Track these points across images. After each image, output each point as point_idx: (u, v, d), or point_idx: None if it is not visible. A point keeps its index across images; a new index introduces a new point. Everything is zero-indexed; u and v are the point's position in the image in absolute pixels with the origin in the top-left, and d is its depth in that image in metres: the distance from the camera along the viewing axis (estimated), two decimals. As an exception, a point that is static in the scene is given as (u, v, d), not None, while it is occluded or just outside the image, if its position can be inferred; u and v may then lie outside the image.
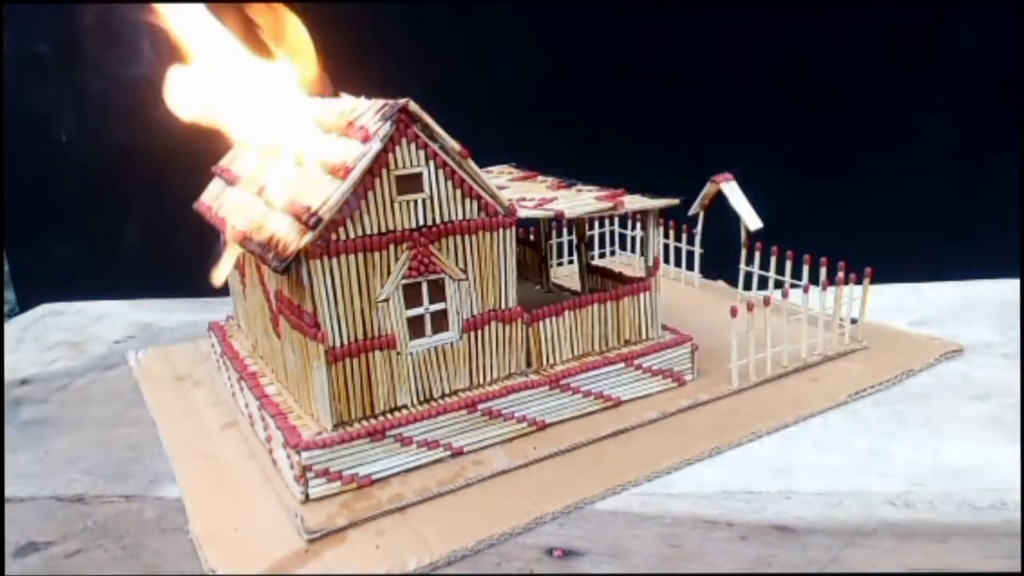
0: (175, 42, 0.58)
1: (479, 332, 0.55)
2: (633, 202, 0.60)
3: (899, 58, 0.91)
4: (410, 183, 0.50)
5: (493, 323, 0.55)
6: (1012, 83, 0.88)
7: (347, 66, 0.61)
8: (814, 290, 0.64)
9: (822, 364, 0.64)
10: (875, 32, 0.90)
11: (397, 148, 0.49)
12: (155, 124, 0.63)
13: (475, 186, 0.52)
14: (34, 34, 0.94)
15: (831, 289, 0.65)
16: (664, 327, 0.62)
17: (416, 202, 0.50)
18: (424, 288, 0.52)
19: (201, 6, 0.59)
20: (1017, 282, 0.78)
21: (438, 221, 0.51)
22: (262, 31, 0.60)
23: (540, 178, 0.69)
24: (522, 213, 0.55)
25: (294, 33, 0.60)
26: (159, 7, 0.57)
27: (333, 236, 0.48)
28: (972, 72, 0.89)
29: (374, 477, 0.51)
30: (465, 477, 0.51)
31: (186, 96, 0.58)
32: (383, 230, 0.50)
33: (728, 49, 0.92)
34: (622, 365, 0.58)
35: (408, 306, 0.52)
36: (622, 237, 0.93)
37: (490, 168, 0.75)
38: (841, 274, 0.64)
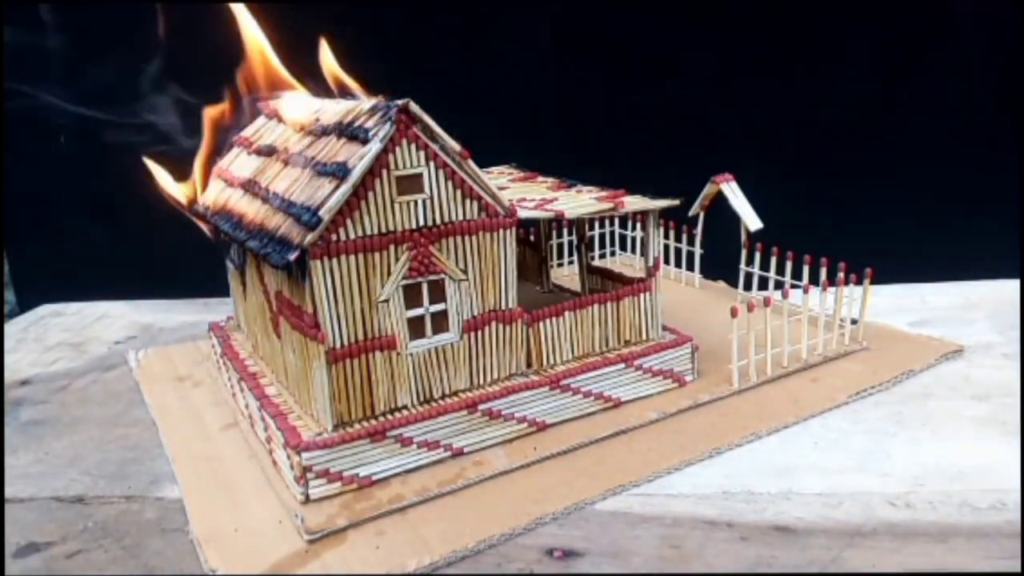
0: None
1: (479, 333, 0.55)
2: (633, 203, 0.60)
3: (899, 58, 0.90)
4: (410, 184, 0.50)
5: (493, 324, 0.55)
6: (1012, 83, 0.88)
7: (348, 66, 0.61)
8: (814, 290, 0.64)
9: (822, 364, 0.64)
10: (875, 32, 0.90)
11: (397, 149, 0.49)
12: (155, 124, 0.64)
13: (475, 187, 0.52)
14: (35, 34, 0.94)
15: (831, 289, 0.65)
16: (664, 327, 0.62)
17: (416, 202, 0.50)
18: (424, 288, 0.52)
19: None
20: (1017, 282, 0.78)
21: (438, 222, 0.51)
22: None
23: (540, 179, 0.69)
24: (522, 214, 0.55)
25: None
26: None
27: (333, 236, 0.48)
28: (972, 71, 0.89)
29: (374, 478, 0.51)
30: (465, 478, 0.51)
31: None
32: (383, 230, 0.50)
33: (729, 49, 0.92)
34: (622, 366, 0.58)
35: (408, 306, 0.52)
36: (622, 238, 0.93)
37: (490, 169, 0.75)
38: (841, 274, 0.64)
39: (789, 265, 0.68)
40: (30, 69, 0.94)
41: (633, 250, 0.91)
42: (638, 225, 0.88)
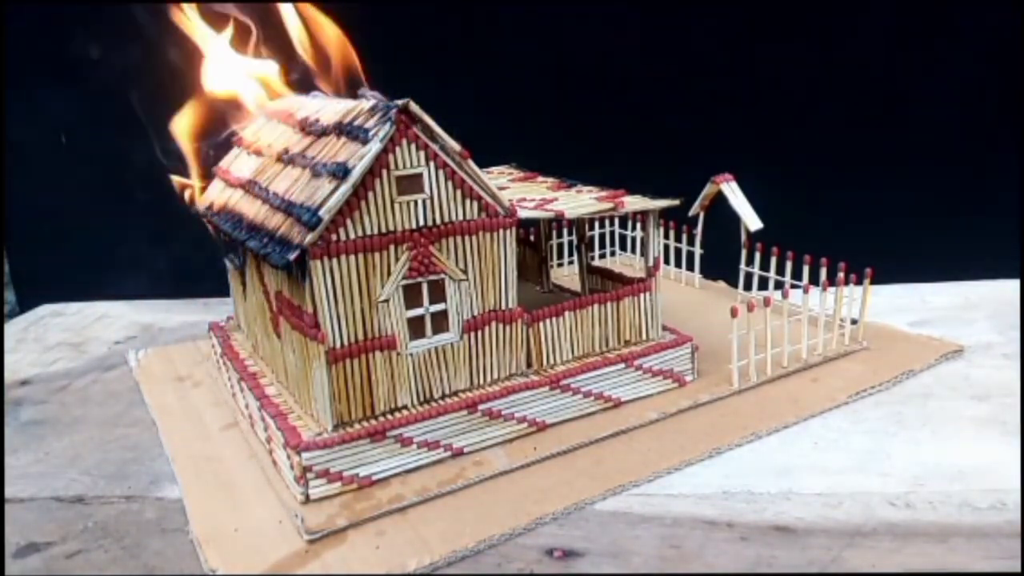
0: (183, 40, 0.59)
1: (479, 333, 0.55)
2: (633, 203, 0.60)
3: (899, 58, 0.91)
4: (410, 184, 0.50)
5: (493, 323, 0.55)
6: (1012, 83, 0.88)
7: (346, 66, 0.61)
8: (814, 290, 0.64)
9: (822, 364, 0.64)
10: (875, 32, 0.90)
11: (397, 149, 0.49)
12: (155, 125, 0.64)
13: (475, 187, 0.52)
14: (36, 35, 0.95)
15: (831, 289, 0.65)
16: (664, 327, 0.62)
17: (416, 203, 0.50)
18: (424, 288, 0.52)
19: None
20: (1017, 282, 0.78)
21: (438, 222, 0.51)
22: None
23: (540, 179, 0.69)
24: (522, 214, 0.55)
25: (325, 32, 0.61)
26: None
27: (333, 236, 0.48)
28: (972, 72, 0.89)
29: (374, 478, 0.51)
30: (465, 478, 0.51)
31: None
32: (383, 230, 0.50)
33: (729, 49, 0.92)
34: (622, 366, 0.58)
35: (408, 306, 0.52)
36: (622, 238, 0.93)
37: (490, 169, 0.75)
38: (841, 274, 0.64)
39: (789, 265, 0.68)
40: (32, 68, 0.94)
41: (633, 250, 0.91)
42: (638, 225, 0.88)
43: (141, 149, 0.65)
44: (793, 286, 0.67)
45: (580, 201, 0.60)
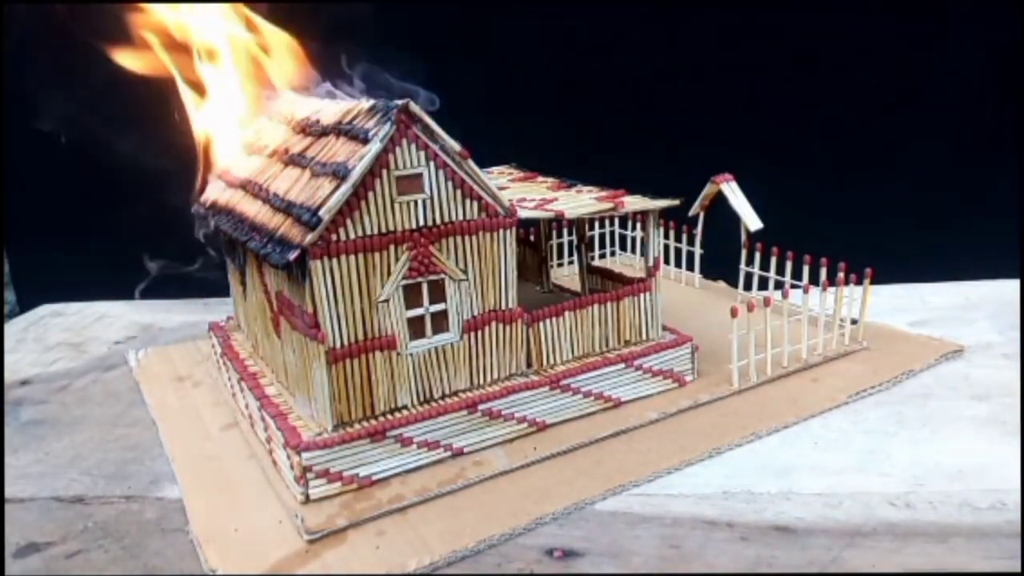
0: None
1: (479, 333, 0.55)
2: (633, 203, 0.60)
3: (899, 58, 0.91)
4: (410, 183, 0.50)
5: (493, 323, 0.55)
6: (1012, 83, 0.88)
7: (346, 67, 0.61)
8: (814, 290, 0.64)
9: (822, 364, 0.64)
10: (875, 33, 0.90)
11: (397, 149, 0.49)
12: (156, 125, 0.64)
13: (475, 187, 0.52)
14: (36, 36, 0.95)
15: (831, 289, 0.65)
16: (664, 327, 0.62)
17: (416, 202, 0.50)
18: (424, 288, 0.52)
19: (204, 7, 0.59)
20: (1017, 282, 0.78)
21: (438, 222, 0.51)
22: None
23: (540, 179, 0.69)
24: (522, 214, 0.55)
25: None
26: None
27: (333, 236, 0.48)
28: (972, 72, 0.89)
29: (374, 478, 0.51)
30: (465, 478, 0.51)
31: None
32: (383, 230, 0.50)
33: (728, 49, 0.93)
34: (622, 366, 0.58)
35: (408, 307, 0.52)
36: (622, 238, 0.93)
37: (490, 169, 0.75)
38: (841, 274, 0.64)
39: (789, 265, 0.68)
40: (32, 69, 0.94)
41: (633, 250, 0.91)
42: (638, 225, 0.88)
43: (142, 147, 0.65)
44: (793, 286, 0.67)
45: (580, 201, 0.60)
